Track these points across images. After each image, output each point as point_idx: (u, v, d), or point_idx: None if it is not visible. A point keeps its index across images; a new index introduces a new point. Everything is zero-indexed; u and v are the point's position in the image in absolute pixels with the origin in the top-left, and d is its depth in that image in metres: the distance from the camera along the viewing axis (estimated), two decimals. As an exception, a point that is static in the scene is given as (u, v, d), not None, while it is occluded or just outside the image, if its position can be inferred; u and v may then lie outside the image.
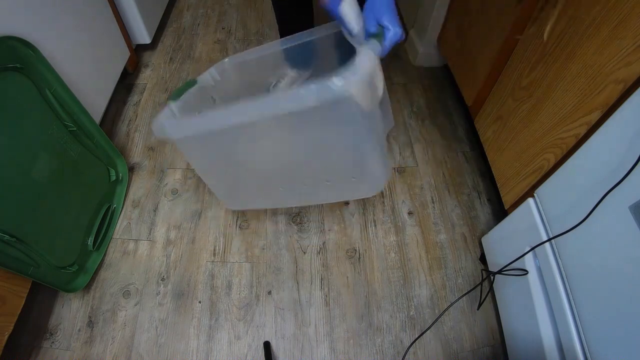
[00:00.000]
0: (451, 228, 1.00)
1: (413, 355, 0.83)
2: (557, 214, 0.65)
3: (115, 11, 1.14)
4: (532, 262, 0.72)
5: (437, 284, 0.91)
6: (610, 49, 0.57)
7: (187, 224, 0.99)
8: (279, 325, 0.86)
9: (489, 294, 0.89)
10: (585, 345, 0.58)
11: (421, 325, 0.86)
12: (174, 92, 0.75)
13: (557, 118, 0.69)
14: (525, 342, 0.73)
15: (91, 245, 0.90)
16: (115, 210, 1.00)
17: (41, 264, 0.77)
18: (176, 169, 1.09)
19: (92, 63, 1.02)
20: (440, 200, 1.04)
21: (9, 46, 0.71)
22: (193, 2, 1.58)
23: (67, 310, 0.87)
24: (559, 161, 0.69)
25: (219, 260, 0.94)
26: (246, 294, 0.89)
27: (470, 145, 1.16)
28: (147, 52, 1.38)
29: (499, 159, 0.89)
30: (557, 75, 0.69)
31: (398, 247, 0.96)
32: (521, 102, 0.80)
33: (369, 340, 0.84)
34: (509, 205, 0.86)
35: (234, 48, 1.40)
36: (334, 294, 0.89)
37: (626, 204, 0.50)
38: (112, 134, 1.15)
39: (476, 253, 0.96)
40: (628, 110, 0.52)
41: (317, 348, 0.83)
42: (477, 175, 1.09)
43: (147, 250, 0.95)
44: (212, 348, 0.83)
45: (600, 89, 0.59)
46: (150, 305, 0.88)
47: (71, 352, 0.82)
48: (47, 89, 0.80)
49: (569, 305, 0.62)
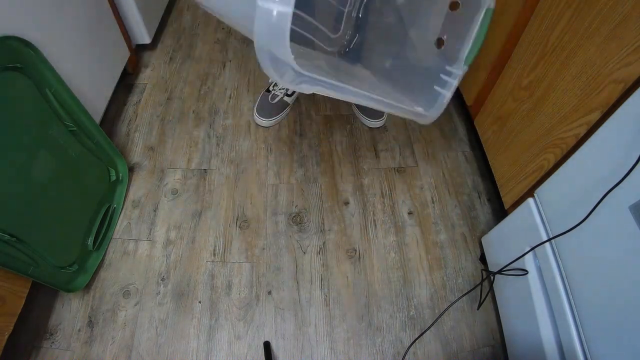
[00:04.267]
0: (451, 228, 1.00)
1: (413, 355, 0.83)
2: (557, 214, 0.65)
3: (115, 11, 1.14)
4: (532, 262, 0.72)
5: (437, 284, 0.91)
6: (610, 49, 0.57)
7: (187, 224, 0.99)
8: (279, 325, 0.86)
9: (489, 294, 0.89)
10: (585, 345, 0.58)
11: (421, 325, 0.86)
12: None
13: (557, 118, 0.69)
14: (525, 342, 0.73)
15: (91, 245, 0.90)
16: (115, 210, 1.00)
17: (41, 263, 0.77)
18: (176, 169, 1.09)
19: (92, 63, 1.02)
20: (440, 200, 1.04)
21: (9, 46, 0.71)
22: (193, 2, 1.58)
23: (67, 310, 0.87)
24: (559, 161, 0.69)
25: (219, 260, 0.94)
26: (246, 294, 0.89)
27: (470, 145, 1.16)
28: (147, 52, 1.38)
29: (499, 159, 0.90)
30: (557, 76, 0.69)
31: (398, 247, 0.96)
32: (521, 102, 0.80)
33: (369, 340, 0.84)
34: (509, 205, 0.86)
35: (234, 48, 1.40)
36: (334, 294, 0.89)
37: (626, 204, 0.50)
38: (112, 134, 1.15)
39: (476, 253, 0.96)
40: (628, 110, 0.52)
41: (317, 348, 0.83)
42: (477, 175, 1.10)
43: (147, 250, 0.95)
44: (212, 348, 0.83)
45: (600, 89, 0.59)
46: (150, 305, 0.88)
47: (71, 352, 0.82)
48: (48, 88, 0.80)
49: (569, 305, 0.62)
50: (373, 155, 1.13)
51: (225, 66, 1.35)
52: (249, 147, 1.14)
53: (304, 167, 1.10)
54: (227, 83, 1.30)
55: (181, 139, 1.15)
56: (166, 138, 1.15)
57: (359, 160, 1.11)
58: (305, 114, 1.22)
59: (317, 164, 1.10)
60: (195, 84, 1.29)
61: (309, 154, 1.12)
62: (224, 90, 1.28)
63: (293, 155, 1.12)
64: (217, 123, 1.19)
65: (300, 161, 1.11)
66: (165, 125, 1.18)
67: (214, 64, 1.35)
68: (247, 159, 1.11)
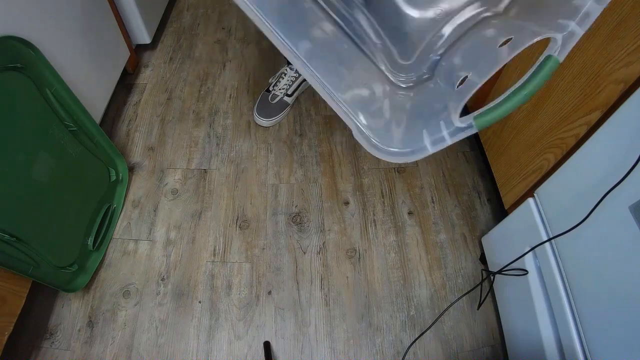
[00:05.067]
0: (451, 228, 1.00)
1: (413, 355, 0.83)
2: (557, 214, 0.65)
3: (115, 11, 1.14)
4: (532, 262, 0.72)
5: (437, 284, 0.91)
6: (610, 49, 0.57)
7: (187, 224, 0.99)
8: (279, 325, 0.86)
9: (489, 294, 0.89)
10: (585, 345, 0.58)
11: (421, 325, 0.86)
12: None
13: (557, 118, 0.69)
14: (525, 342, 0.73)
15: (91, 245, 0.90)
16: (115, 210, 1.00)
17: (41, 263, 0.77)
18: (176, 169, 1.09)
19: (92, 63, 1.02)
20: (440, 200, 1.04)
21: (9, 46, 0.71)
22: (193, 2, 1.58)
23: (67, 310, 0.87)
24: (559, 161, 0.69)
25: (219, 260, 0.94)
26: (246, 294, 0.89)
27: (470, 145, 1.16)
28: (147, 52, 1.38)
29: (499, 158, 0.89)
30: (557, 75, 0.69)
31: (398, 247, 0.96)
32: (521, 102, 0.80)
33: (369, 340, 0.84)
34: (509, 205, 0.86)
35: (234, 48, 1.40)
36: (334, 294, 0.89)
37: (626, 204, 0.50)
38: (112, 134, 1.15)
39: (476, 253, 0.96)
40: (628, 110, 0.52)
41: (317, 348, 0.83)
42: (477, 175, 1.10)
43: (147, 250, 0.95)
44: (212, 348, 0.83)
45: (600, 89, 0.59)
46: (150, 305, 0.88)
47: (71, 352, 0.82)
48: (48, 88, 0.80)
49: (569, 305, 0.62)
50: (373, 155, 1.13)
51: (225, 66, 1.35)
52: (249, 147, 1.14)
53: (304, 167, 1.10)
54: (227, 83, 1.30)
55: (181, 139, 1.15)
56: (166, 138, 1.15)
57: (359, 160, 1.11)
58: (305, 114, 1.22)
59: (317, 164, 1.10)
60: (195, 84, 1.29)
61: (309, 154, 1.12)
62: (224, 90, 1.28)
63: (293, 155, 1.12)
64: (217, 123, 1.19)
65: (300, 161, 1.11)
66: (165, 125, 1.18)
67: (214, 64, 1.35)
68: (247, 159, 1.11)
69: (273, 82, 1.21)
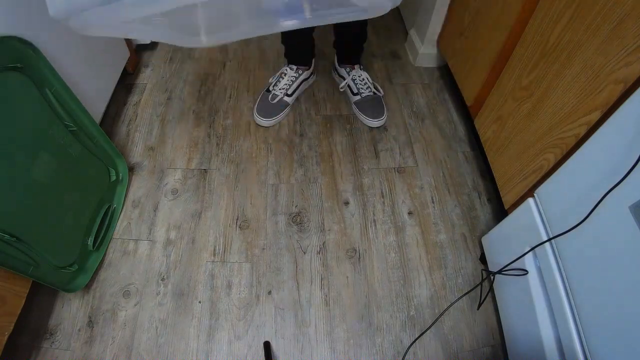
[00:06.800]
0: (451, 228, 1.00)
1: (413, 355, 0.83)
2: (557, 214, 0.65)
3: (115, 11, 1.14)
4: (532, 262, 0.72)
5: (437, 284, 0.91)
6: (610, 49, 0.57)
7: (187, 224, 0.99)
8: (279, 325, 0.86)
9: (489, 294, 0.89)
10: (585, 345, 0.58)
11: (421, 325, 0.86)
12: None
13: (557, 118, 0.69)
14: (525, 342, 0.73)
15: (91, 245, 0.90)
16: (115, 210, 1.00)
17: (41, 263, 0.77)
18: (176, 169, 1.09)
19: (92, 63, 1.02)
20: (440, 200, 1.04)
21: (9, 46, 0.71)
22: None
23: (67, 310, 0.87)
24: (559, 161, 0.69)
25: (219, 260, 0.94)
26: (246, 294, 0.89)
27: (470, 145, 1.16)
28: (147, 52, 1.38)
29: (499, 158, 0.89)
30: (557, 75, 0.69)
31: (398, 247, 0.96)
32: (521, 102, 0.80)
33: (368, 340, 0.84)
34: (509, 205, 0.86)
35: (234, 48, 1.40)
36: (334, 294, 0.89)
37: (626, 204, 0.50)
38: (112, 134, 1.15)
39: (476, 253, 0.96)
40: (628, 110, 0.52)
41: (317, 348, 0.83)
42: (477, 175, 1.10)
43: (147, 250, 0.95)
44: (212, 348, 0.83)
45: (600, 89, 0.59)
46: (150, 305, 0.88)
47: (71, 352, 0.82)
48: (48, 88, 0.80)
49: (569, 305, 0.62)
50: (373, 155, 1.13)
51: (225, 66, 1.35)
52: (249, 147, 1.14)
53: (304, 167, 1.10)
54: (227, 83, 1.30)
55: (181, 139, 1.15)
56: (166, 138, 1.15)
57: (359, 160, 1.12)
58: (305, 114, 1.22)
59: (317, 164, 1.10)
60: (195, 84, 1.29)
61: (309, 154, 1.12)
62: (224, 90, 1.28)
63: (293, 155, 1.12)
64: (217, 123, 1.19)
65: (300, 161, 1.11)
66: (165, 125, 1.18)
67: (214, 64, 1.35)
68: (247, 158, 1.11)
69: (273, 82, 1.21)
